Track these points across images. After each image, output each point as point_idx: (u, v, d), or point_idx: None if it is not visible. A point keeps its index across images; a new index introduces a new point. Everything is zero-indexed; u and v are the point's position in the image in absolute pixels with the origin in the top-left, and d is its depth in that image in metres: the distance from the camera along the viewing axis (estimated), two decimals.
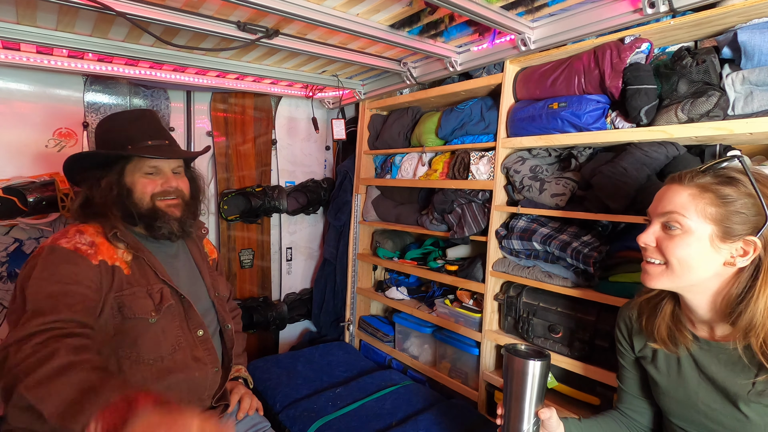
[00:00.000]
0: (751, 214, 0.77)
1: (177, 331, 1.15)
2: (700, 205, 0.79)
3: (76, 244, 1.07)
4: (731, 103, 1.13)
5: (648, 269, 0.87)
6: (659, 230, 0.85)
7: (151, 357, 1.09)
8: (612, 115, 1.36)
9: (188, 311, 1.19)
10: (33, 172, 1.78)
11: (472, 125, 1.78)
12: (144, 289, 1.12)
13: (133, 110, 1.47)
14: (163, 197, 1.20)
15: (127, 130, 1.21)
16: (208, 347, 1.21)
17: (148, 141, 1.20)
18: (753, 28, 1.08)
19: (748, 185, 0.77)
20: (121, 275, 1.10)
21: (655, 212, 0.86)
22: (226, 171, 2.30)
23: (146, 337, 1.09)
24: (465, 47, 1.71)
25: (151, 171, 1.20)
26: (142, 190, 1.18)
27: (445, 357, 1.92)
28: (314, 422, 1.53)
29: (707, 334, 0.88)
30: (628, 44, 1.27)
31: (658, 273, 0.85)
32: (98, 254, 1.08)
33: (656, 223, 0.85)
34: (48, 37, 1.46)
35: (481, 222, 1.72)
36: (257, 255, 2.44)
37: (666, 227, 0.83)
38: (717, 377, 0.85)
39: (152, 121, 1.26)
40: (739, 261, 0.78)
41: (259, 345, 2.51)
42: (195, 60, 1.77)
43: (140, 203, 1.18)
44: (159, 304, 1.13)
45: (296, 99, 2.48)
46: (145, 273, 1.15)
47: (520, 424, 0.92)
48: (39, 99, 1.81)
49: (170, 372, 1.11)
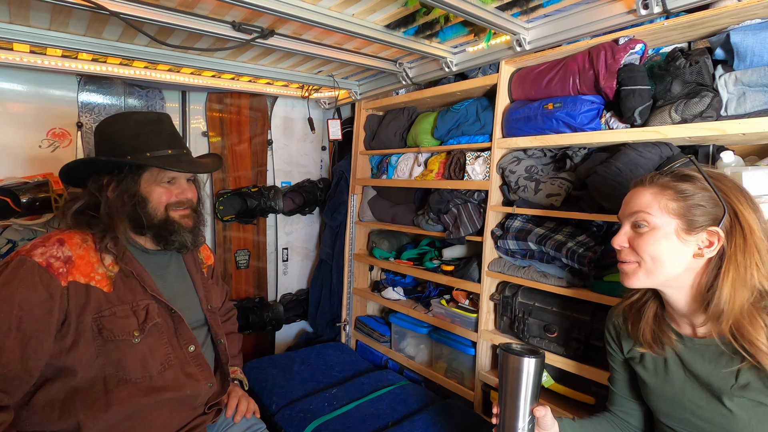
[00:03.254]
0: (710, 206, 0.82)
1: (166, 349, 1.10)
2: (663, 201, 0.85)
3: (49, 258, 1.00)
4: (724, 103, 1.14)
5: (624, 269, 0.91)
6: (629, 230, 0.90)
7: (139, 376, 1.05)
8: (606, 116, 1.37)
9: (179, 326, 1.14)
10: (26, 173, 1.77)
11: (468, 125, 1.78)
12: (128, 306, 1.07)
13: (148, 113, 1.37)
14: (177, 207, 1.16)
15: (145, 135, 1.14)
16: (201, 363, 1.16)
17: (167, 150, 1.14)
18: (745, 29, 1.09)
19: (703, 181, 0.83)
20: (98, 295, 1.04)
21: (624, 214, 0.91)
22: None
23: (131, 358, 1.04)
24: (460, 48, 1.72)
25: (169, 181, 1.15)
26: (157, 200, 1.13)
27: (441, 357, 1.92)
28: (310, 423, 1.52)
29: (690, 332, 0.90)
30: (623, 45, 1.28)
31: (632, 271, 0.89)
32: (71, 273, 1.01)
33: (626, 225, 0.90)
34: (41, 36, 1.45)
35: (476, 222, 1.73)
36: (253, 255, 2.43)
37: (635, 226, 0.88)
38: (701, 374, 0.87)
39: (170, 127, 1.20)
40: (706, 252, 0.83)
41: (255, 345, 2.50)
42: (190, 60, 1.76)
43: (154, 213, 1.12)
44: (143, 322, 1.07)
45: (292, 99, 2.48)
46: (132, 288, 1.09)
47: (515, 422, 0.92)
48: (32, 99, 1.80)
49: (160, 391, 1.06)
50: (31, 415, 0.98)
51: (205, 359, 1.18)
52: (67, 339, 0.99)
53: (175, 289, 1.21)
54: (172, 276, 1.23)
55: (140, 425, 1.05)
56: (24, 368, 0.95)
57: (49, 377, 0.99)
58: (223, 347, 1.28)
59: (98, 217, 1.09)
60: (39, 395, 0.99)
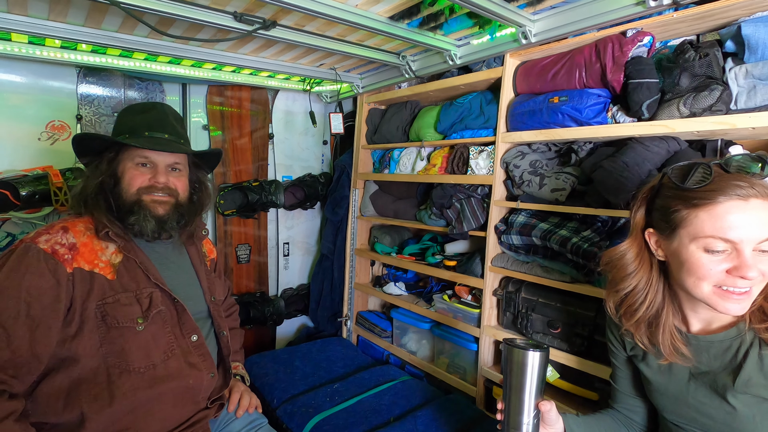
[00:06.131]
0: None
1: (169, 337, 1.10)
2: None
3: (54, 245, 1.01)
4: (734, 97, 1.12)
5: (739, 299, 0.76)
6: (758, 256, 0.74)
7: (142, 365, 1.04)
8: (613, 110, 1.35)
9: (182, 316, 1.14)
10: (26, 166, 1.75)
11: (472, 119, 1.77)
12: (132, 294, 1.07)
13: (146, 102, 1.42)
14: (150, 192, 1.13)
15: (133, 119, 1.17)
16: (203, 352, 1.16)
17: (145, 132, 1.14)
18: (757, 21, 1.07)
19: None
20: (102, 282, 1.04)
21: (749, 238, 0.73)
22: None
23: (134, 346, 1.04)
24: (465, 40, 1.69)
25: (143, 162, 1.14)
26: (129, 181, 1.12)
27: (443, 352, 1.92)
28: (312, 418, 1.52)
29: (700, 328, 0.88)
30: (630, 37, 1.26)
31: (745, 298, 0.76)
32: (75, 260, 1.02)
33: (747, 248, 0.73)
34: (40, 26, 1.43)
35: (480, 217, 1.71)
36: (254, 250, 2.42)
37: (763, 251, 0.74)
38: (706, 371, 0.85)
39: (160, 113, 1.20)
40: None
41: (256, 340, 2.49)
42: (191, 52, 1.74)
43: (125, 195, 1.11)
44: (147, 310, 1.07)
45: (294, 93, 2.46)
46: (135, 276, 1.09)
47: (520, 417, 0.91)
48: (31, 91, 1.78)
49: (163, 380, 1.06)
50: (34, 406, 0.98)
51: (207, 349, 1.18)
52: (72, 326, 1.00)
53: (178, 280, 1.21)
54: (175, 266, 1.23)
55: (143, 419, 1.04)
56: (33, 354, 0.95)
57: (53, 367, 0.99)
58: (225, 339, 1.28)
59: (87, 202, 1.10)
60: (43, 386, 0.98)
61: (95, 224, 1.09)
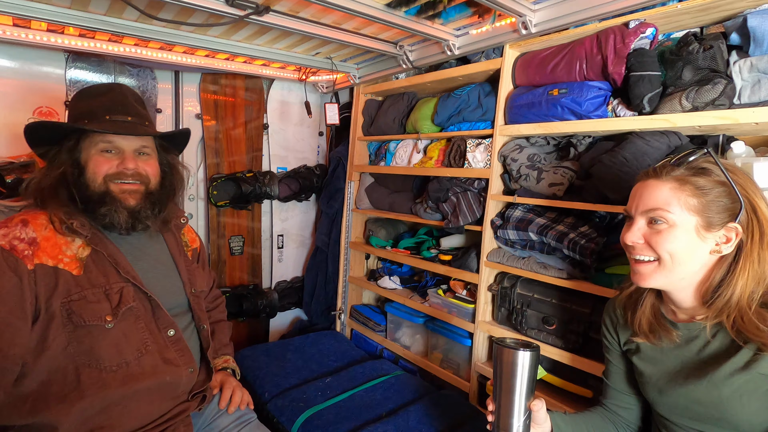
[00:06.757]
0: (728, 202, 0.80)
1: (142, 333, 1.05)
2: (682, 198, 0.81)
3: (12, 240, 0.95)
4: (738, 91, 1.09)
5: (640, 269, 0.87)
6: (644, 227, 0.86)
7: (114, 363, 0.99)
8: (613, 103, 1.32)
9: (156, 310, 1.09)
10: (12, 153, 1.70)
11: (469, 112, 1.73)
12: (100, 290, 1.01)
13: (101, 84, 1.32)
14: (119, 180, 1.07)
15: (90, 103, 1.09)
16: (181, 347, 1.11)
17: (106, 116, 1.07)
18: (763, 13, 1.04)
19: (719, 174, 0.81)
20: (67, 278, 0.98)
21: (637, 209, 0.87)
22: (216, 155, 2.24)
23: (104, 344, 0.99)
24: (464, 30, 1.65)
25: (107, 148, 1.06)
26: (94, 169, 1.05)
27: (437, 347, 1.90)
28: (303, 412, 1.50)
29: (686, 317, 0.90)
30: (633, 29, 1.23)
31: (651, 270, 0.86)
32: (36, 255, 0.96)
33: (639, 220, 0.87)
34: (24, 7, 1.37)
35: (476, 211, 1.69)
36: (247, 242, 2.39)
37: (652, 222, 0.85)
38: (695, 357, 0.87)
39: (119, 95, 1.13)
40: (723, 248, 0.82)
41: (249, 333, 2.47)
42: (182, 37, 1.69)
43: (91, 185, 1.04)
44: (117, 306, 1.01)
45: (289, 82, 2.41)
46: (105, 270, 1.03)
47: (510, 420, 0.89)
48: (18, 75, 1.73)
49: (137, 378, 1.01)
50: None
51: (186, 344, 1.13)
52: (37, 326, 0.95)
53: (154, 272, 1.15)
54: (151, 258, 1.17)
55: (117, 417, 1.00)
56: (5, 358, 0.90)
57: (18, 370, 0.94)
58: (205, 332, 1.23)
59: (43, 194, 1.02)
60: None
61: (50, 219, 1.02)
